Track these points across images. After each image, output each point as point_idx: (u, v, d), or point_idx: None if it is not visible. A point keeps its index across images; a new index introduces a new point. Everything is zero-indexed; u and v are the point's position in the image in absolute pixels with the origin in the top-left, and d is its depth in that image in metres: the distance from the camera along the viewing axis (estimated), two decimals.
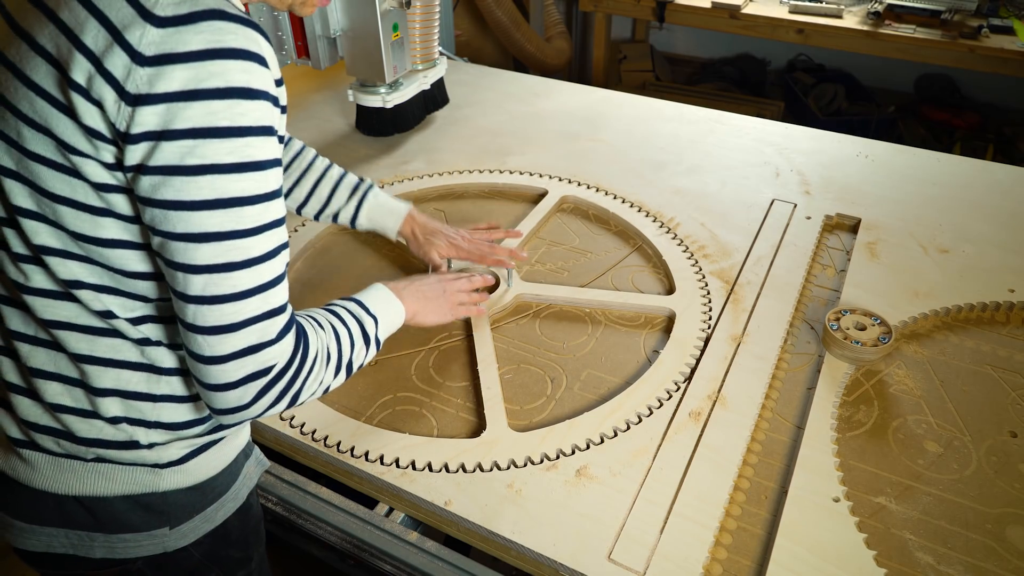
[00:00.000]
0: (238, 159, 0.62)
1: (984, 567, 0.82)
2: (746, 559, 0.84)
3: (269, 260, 0.68)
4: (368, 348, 0.87)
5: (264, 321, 0.68)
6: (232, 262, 0.65)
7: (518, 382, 1.07)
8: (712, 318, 1.16)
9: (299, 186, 1.16)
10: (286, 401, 0.74)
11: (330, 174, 1.17)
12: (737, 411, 1.00)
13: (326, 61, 1.53)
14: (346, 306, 0.88)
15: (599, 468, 0.93)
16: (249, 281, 0.66)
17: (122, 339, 0.72)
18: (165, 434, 0.76)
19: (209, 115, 0.60)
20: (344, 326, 0.84)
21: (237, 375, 0.68)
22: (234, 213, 0.64)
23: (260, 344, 0.68)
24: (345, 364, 0.82)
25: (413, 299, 0.99)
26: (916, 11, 2.66)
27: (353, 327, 0.85)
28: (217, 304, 0.65)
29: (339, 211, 1.18)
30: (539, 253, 1.34)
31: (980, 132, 3.08)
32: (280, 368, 0.71)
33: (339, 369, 0.81)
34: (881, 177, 1.52)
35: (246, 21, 0.63)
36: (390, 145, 1.67)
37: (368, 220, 1.19)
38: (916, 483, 0.91)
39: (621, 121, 1.75)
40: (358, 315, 0.87)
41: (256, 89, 0.62)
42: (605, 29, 3.28)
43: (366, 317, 0.88)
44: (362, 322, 0.87)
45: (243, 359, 0.68)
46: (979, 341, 1.13)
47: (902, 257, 1.28)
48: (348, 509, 0.94)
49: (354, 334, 0.84)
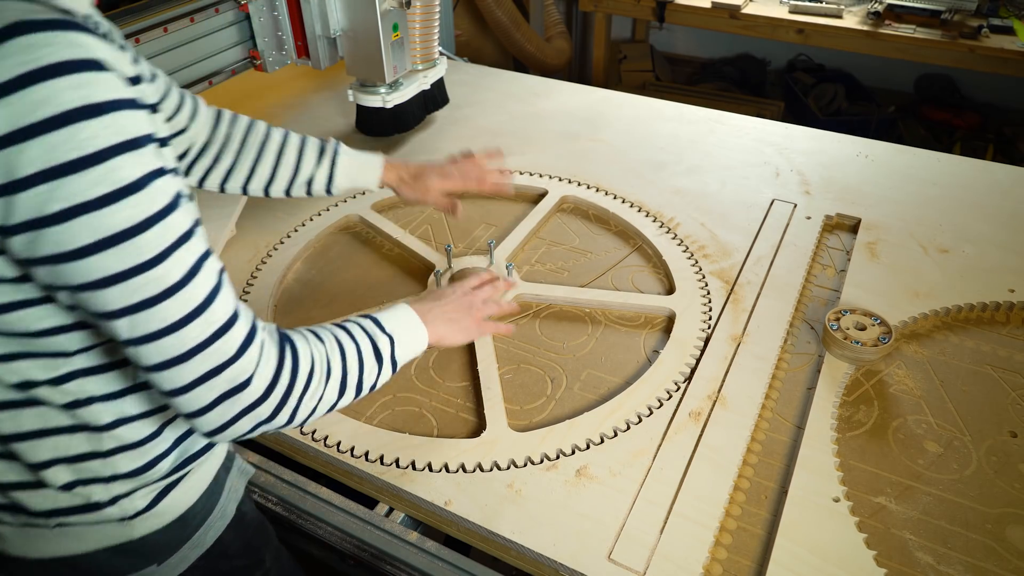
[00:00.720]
0: (107, 188, 0.54)
1: (984, 567, 0.82)
2: (746, 559, 0.84)
3: (193, 279, 0.60)
4: (381, 368, 0.81)
5: (216, 342, 0.62)
6: (149, 297, 0.58)
7: (518, 382, 1.07)
8: (712, 318, 1.16)
9: (261, 162, 1.06)
10: (282, 418, 0.69)
11: (290, 141, 1.08)
12: (737, 411, 1.00)
13: (326, 61, 1.53)
14: (360, 322, 0.82)
15: (599, 468, 0.93)
16: (178, 310, 0.60)
17: (47, 407, 0.66)
18: (126, 483, 0.72)
19: (50, 151, 0.52)
20: (353, 342, 0.78)
21: (209, 398, 0.64)
22: (129, 247, 0.56)
23: (221, 365, 0.63)
24: (353, 383, 0.77)
25: (439, 323, 0.92)
26: (916, 11, 2.66)
27: (364, 344, 0.79)
28: (154, 341, 0.60)
29: (312, 177, 1.09)
30: (539, 253, 1.34)
31: (980, 132, 3.07)
32: (262, 383, 0.66)
33: (344, 387, 0.76)
34: (881, 177, 1.52)
35: (60, 23, 0.53)
36: (390, 145, 1.67)
37: (347, 178, 1.11)
38: (916, 483, 0.91)
39: (621, 121, 1.75)
40: (371, 332, 0.81)
41: (100, 103, 0.54)
42: (605, 29, 3.28)
43: (380, 335, 0.82)
44: (375, 340, 0.81)
45: (209, 382, 0.63)
46: (979, 341, 1.13)
47: (902, 257, 1.28)
48: (348, 509, 0.94)
49: (364, 352, 0.78)
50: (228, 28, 1.45)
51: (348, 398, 0.77)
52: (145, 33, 1.28)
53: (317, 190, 1.10)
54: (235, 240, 1.35)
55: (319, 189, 1.10)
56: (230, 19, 1.45)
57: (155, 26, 1.30)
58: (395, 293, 1.24)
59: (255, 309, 1.19)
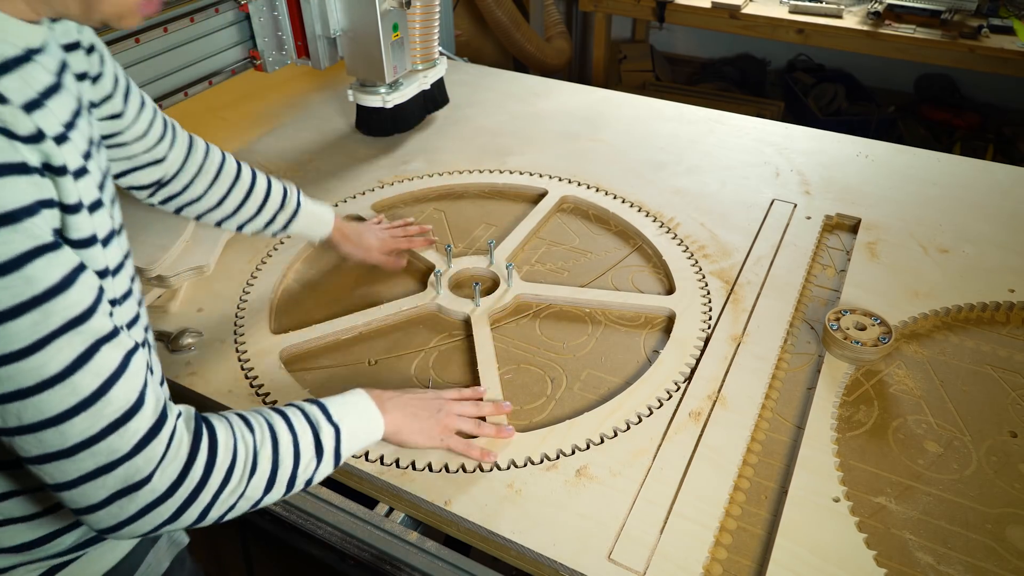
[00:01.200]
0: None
1: (984, 567, 0.82)
2: (746, 559, 0.84)
3: (80, 369, 0.55)
4: (320, 463, 0.75)
5: (107, 438, 0.57)
6: (23, 388, 0.53)
7: (518, 382, 1.07)
8: (712, 318, 1.16)
9: (228, 199, 1.06)
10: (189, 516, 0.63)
11: (258, 184, 1.08)
12: (737, 411, 1.00)
13: (326, 61, 1.53)
14: (304, 408, 0.77)
15: (599, 468, 0.93)
16: (59, 403, 0.54)
17: None
18: (9, 558, 0.67)
19: None
20: (290, 432, 0.72)
21: (99, 496, 0.58)
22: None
23: (113, 463, 0.57)
24: (284, 478, 0.70)
25: (398, 412, 0.87)
26: (916, 11, 2.66)
27: (303, 435, 0.73)
28: (33, 433, 0.54)
29: (271, 221, 1.10)
30: (539, 253, 1.34)
31: (980, 132, 3.08)
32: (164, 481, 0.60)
33: (272, 483, 0.69)
34: (881, 177, 1.52)
35: None
36: (390, 145, 1.67)
37: (301, 228, 1.14)
38: (916, 483, 0.91)
39: (621, 121, 1.75)
40: (315, 421, 0.75)
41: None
42: (605, 29, 3.28)
43: (324, 425, 0.76)
44: (318, 431, 0.75)
45: (99, 480, 0.57)
46: (979, 341, 1.13)
47: (902, 257, 1.28)
48: (348, 509, 0.94)
49: (301, 444, 0.72)
50: (228, 28, 1.45)
51: (276, 494, 0.71)
52: (145, 33, 1.28)
53: (268, 233, 1.13)
54: (235, 240, 1.35)
55: (271, 232, 1.13)
56: (230, 19, 1.45)
57: (155, 26, 1.30)
58: (395, 293, 1.24)
59: (255, 309, 1.19)
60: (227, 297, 1.22)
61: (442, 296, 1.21)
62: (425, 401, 0.92)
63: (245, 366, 1.09)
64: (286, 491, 0.72)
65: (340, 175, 1.55)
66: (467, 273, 1.28)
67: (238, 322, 1.17)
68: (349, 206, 1.44)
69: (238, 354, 1.11)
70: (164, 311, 1.20)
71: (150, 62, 1.31)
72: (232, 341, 1.14)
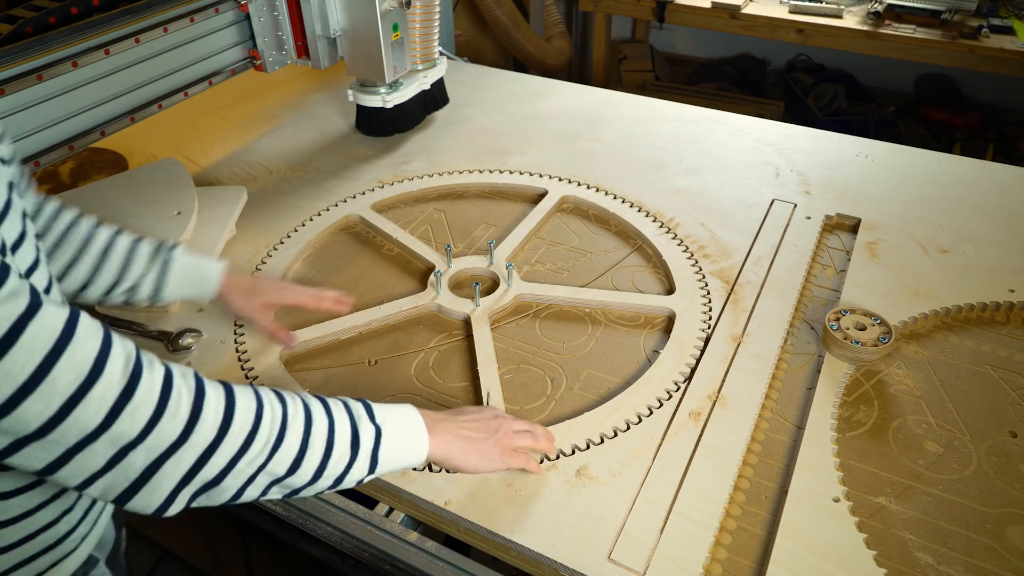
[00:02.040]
0: None
1: (984, 567, 0.82)
2: (746, 559, 0.84)
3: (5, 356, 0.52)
4: (354, 459, 0.70)
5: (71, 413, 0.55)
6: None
7: (518, 382, 1.07)
8: (712, 318, 1.16)
9: (77, 264, 0.92)
10: (205, 477, 0.61)
11: (118, 243, 0.95)
12: (737, 411, 1.00)
13: (326, 61, 1.52)
14: (347, 401, 0.73)
15: (599, 468, 0.93)
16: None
17: None
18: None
19: None
20: (327, 417, 0.68)
21: (96, 464, 0.58)
22: None
23: (90, 435, 0.56)
24: (314, 463, 0.66)
25: (449, 436, 0.80)
26: (916, 11, 2.66)
27: (340, 424, 0.69)
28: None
29: (136, 284, 0.96)
30: (539, 253, 1.34)
31: (980, 132, 3.07)
32: (164, 439, 0.58)
33: (299, 463, 0.65)
34: (881, 177, 1.52)
35: None
36: (390, 145, 1.67)
37: (179, 286, 1.00)
38: (916, 483, 0.91)
39: (621, 121, 1.75)
40: (355, 414, 0.71)
41: None
42: (605, 29, 3.28)
43: (365, 422, 0.72)
44: (357, 425, 0.70)
45: (85, 451, 0.57)
46: (979, 341, 1.13)
47: (902, 257, 1.28)
48: (348, 509, 0.94)
49: (337, 432, 0.68)
50: (228, 28, 1.45)
51: (302, 479, 0.66)
52: (145, 33, 1.28)
53: (141, 299, 0.98)
54: (235, 240, 1.35)
55: (143, 298, 0.98)
56: (230, 19, 1.45)
57: (155, 26, 1.30)
58: (395, 293, 1.24)
59: None
60: None
61: (442, 296, 1.21)
62: (482, 422, 0.85)
63: (245, 366, 1.09)
64: (312, 480, 0.67)
65: (340, 175, 1.55)
66: (467, 273, 1.28)
67: (238, 322, 1.17)
68: (349, 206, 1.44)
69: (238, 354, 1.11)
70: (164, 311, 1.20)
71: (150, 62, 1.31)
72: (232, 341, 1.14)
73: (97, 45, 1.22)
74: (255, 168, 1.60)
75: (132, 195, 1.33)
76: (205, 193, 1.38)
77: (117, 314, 1.19)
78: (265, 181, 1.55)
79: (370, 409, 0.74)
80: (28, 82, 1.12)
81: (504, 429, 0.87)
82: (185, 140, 1.70)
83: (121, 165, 1.62)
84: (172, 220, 1.28)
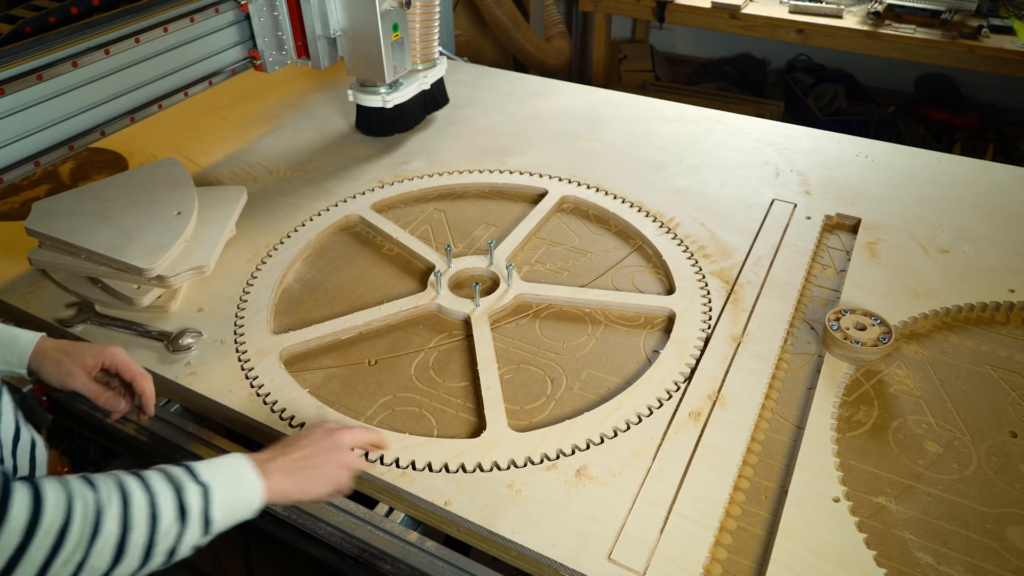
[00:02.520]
0: None
1: (984, 567, 0.82)
2: (746, 559, 0.84)
3: None
4: (185, 528, 0.67)
5: None
6: None
7: (518, 382, 1.07)
8: (712, 318, 1.16)
9: None
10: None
11: None
12: (737, 411, 1.00)
13: (326, 61, 1.52)
14: (165, 469, 0.69)
15: (599, 468, 0.93)
16: None
17: None
18: None
19: None
20: (145, 491, 0.64)
21: None
22: None
23: None
24: (140, 545, 0.62)
25: (282, 474, 0.78)
26: (916, 11, 2.66)
27: (162, 495, 0.65)
28: None
29: None
30: (539, 253, 1.34)
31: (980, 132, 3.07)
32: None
33: (123, 550, 0.61)
34: (881, 177, 1.52)
35: None
36: (390, 145, 1.67)
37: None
38: (916, 483, 0.91)
39: (621, 121, 1.75)
40: (177, 480, 0.68)
41: None
42: (605, 29, 3.28)
43: (189, 484, 0.68)
44: (181, 490, 0.67)
45: None
46: (979, 341, 1.13)
47: (902, 257, 1.28)
48: (348, 509, 0.94)
49: (160, 505, 0.65)
50: (228, 28, 1.45)
51: (131, 565, 0.63)
52: (145, 33, 1.28)
53: None
54: (235, 240, 1.35)
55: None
56: (230, 19, 1.45)
57: (155, 26, 1.30)
58: (395, 293, 1.24)
59: (255, 309, 1.19)
60: (227, 297, 1.22)
61: (442, 296, 1.21)
62: (316, 446, 0.83)
63: (245, 366, 1.09)
64: (143, 561, 0.63)
65: (340, 175, 1.55)
66: (467, 273, 1.28)
67: (238, 322, 1.17)
68: (349, 206, 1.44)
69: (238, 354, 1.11)
70: (164, 311, 1.20)
71: (150, 62, 1.31)
72: (232, 341, 1.14)
73: (97, 45, 1.22)
74: (255, 168, 1.60)
75: (132, 195, 1.33)
76: (205, 193, 1.38)
77: (117, 314, 1.19)
78: (265, 181, 1.55)
79: (192, 470, 0.71)
80: (28, 82, 1.12)
81: (341, 446, 0.84)
82: (185, 140, 1.70)
83: (121, 165, 1.62)
84: (172, 220, 1.28)
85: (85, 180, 1.57)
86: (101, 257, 1.20)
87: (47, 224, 1.25)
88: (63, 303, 1.22)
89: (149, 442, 1.03)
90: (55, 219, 1.26)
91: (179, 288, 1.23)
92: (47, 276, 1.27)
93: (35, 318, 1.21)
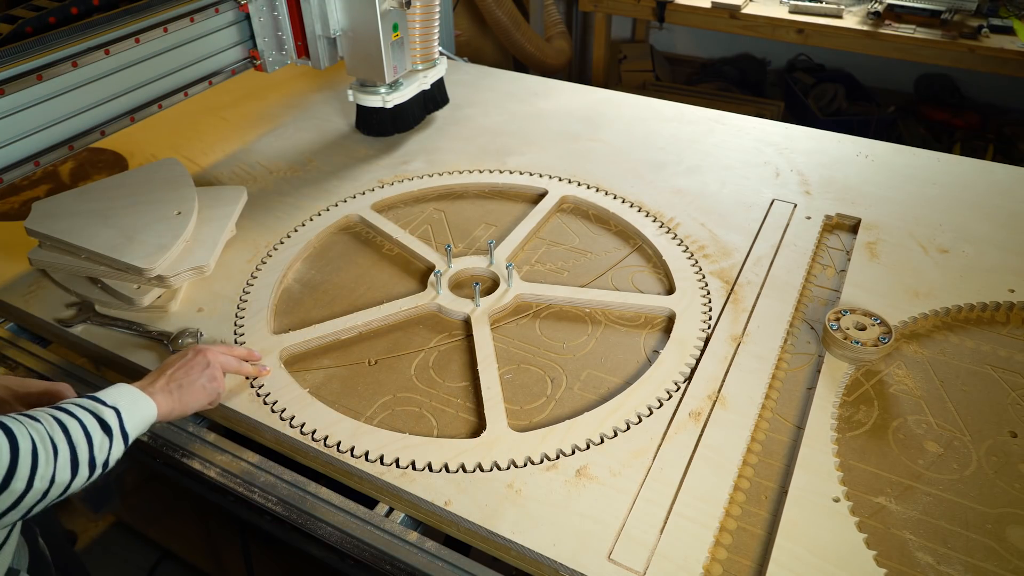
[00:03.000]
0: None
1: (984, 567, 0.82)
2: (746, 559, 0.84)
3: None
4: (112, 441, 0.80)
5: None
6: None
7: (518, 382, 1.07)
8: (712, 318, 1.16)
9: None
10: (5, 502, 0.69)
11: None
12: (737, 411, 1.00)
13: (326, 61, 1.52)
14: (75, 401, 0.81)
15: (599, 468, 0.93)
16: None
17: None
18: None
19: None
20: (74, 418, 0.77)
21: None
22: None
23: None
24: (86, 458, 0.76)
25: (164, 394, 0.90)
26: (916, 11, 2.66)
27: (86, 419, 0.78)
28: None
29: None
30: (539, 253, 1.34)
31: (980, 132, 3.07)
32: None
33: (77, 464, 0.75)
34: (881, 177, 1.52)
35: None
36: (390, 145, 1.67)
37: None
38: (916, 483, 0.91)
39: (621, 121, 1.75)
40: (92, 408, 0.80)
41: None
42: (605, 29, 3.28)
43: (104, 408, 0.81)
44: (99, 413, 0.80)
45: None
46: (979, 341, 1.13)
47: (902, 257, 1.28)
48: (348, 509, 0.94)
49: (89, 426, 0.78)
50: (228, 28, 1.45)
51: (82, 476, 0.76)
52: (145, 33, 1.28)
53: None
54: (235, 240, 1.35)
55: None
56: (230, 19, 1.45)
57: (155, 26, 1.30)
58: (395, 293, 1.24)
59: (255, 309, 1.19)
60: (227, 297, 1.22)
61: (442, 296, 1.21)
62: (187, 365, 0.95)
63: None
64: (90, 473, 0.77)
65: (340, 175, 1.55)
66: (467, 273, 1.28)
67: (238, 322, 1.17)
68: (349, 206, 1.44)
69: None
70: (164, 311, 1.20)
71: (150, 62, 1.31)
72: (232, 341, 1.14)
73: (97, 45, 1.22)
74: (255, 168, 1.60)
75: (132, 195, 1.33)
76: (205, 193, 1.38)
77: (117, 314, 1.19)
78: (265, 181, 1.55)
79: (99, 399, 0.83)
80: (28, 82, 1.12)
81: (211, 361, 0.96)
82: (185, 140, 1.70)
83: (121, 165, 1.62)
84: (172, 220, 1.28)
85: (85, 180, 1.57)
86: (101, 257, 1.20)
87: (47, 224, 1.25)
88: (63, 303, 1.23)
89: (149, 442, 1.03)
90: (55, 219, 1.26)
91: (179, 288, 1.23)
92: (47, 276, 1.27)
93: (35, 318, 1.21)
